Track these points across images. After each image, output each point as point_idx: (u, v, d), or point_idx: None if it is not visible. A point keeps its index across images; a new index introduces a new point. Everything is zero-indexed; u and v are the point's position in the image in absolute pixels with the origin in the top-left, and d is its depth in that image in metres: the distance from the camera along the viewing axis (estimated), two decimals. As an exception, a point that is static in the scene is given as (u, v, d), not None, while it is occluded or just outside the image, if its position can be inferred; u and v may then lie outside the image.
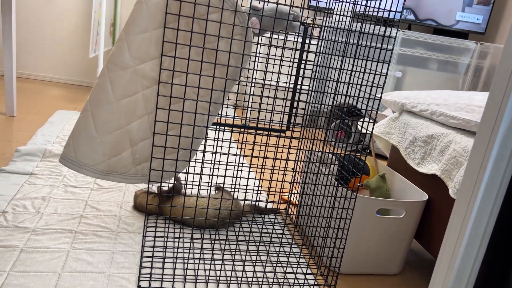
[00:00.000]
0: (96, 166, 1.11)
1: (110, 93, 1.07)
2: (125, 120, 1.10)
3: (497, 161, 0.70)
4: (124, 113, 1.09)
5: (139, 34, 1.04)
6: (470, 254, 0.75)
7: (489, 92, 0.71)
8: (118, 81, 1.07)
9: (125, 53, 1.05)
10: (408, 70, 3.02)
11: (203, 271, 1.11)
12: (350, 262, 1.23)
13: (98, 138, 1.09)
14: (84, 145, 1.10)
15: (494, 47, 3.01)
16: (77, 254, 1.10)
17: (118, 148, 1.12)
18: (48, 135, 1.95)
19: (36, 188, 1.42)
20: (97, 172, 1.12)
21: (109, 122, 1.09)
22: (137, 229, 1.27)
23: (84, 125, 1.09)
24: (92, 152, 1.10)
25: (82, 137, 1.10)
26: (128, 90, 1.08)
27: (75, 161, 1.10)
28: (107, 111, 1.08)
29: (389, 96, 1.54)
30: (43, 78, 3.30)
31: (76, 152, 1.10)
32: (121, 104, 1.08)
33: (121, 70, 1.06)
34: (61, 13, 3.19)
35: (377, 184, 1.35)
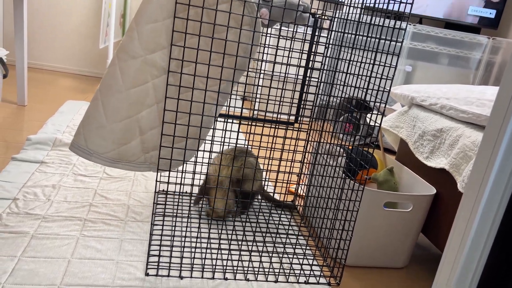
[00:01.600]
0: (106, 154, 1.13)
1: (120, 82, 1.08)
2: (134, 109, 1.11)
3: (506, 156, 0.70)
4: (133, 102, 1.10)
5: (149, 24, 1.05)
6: (476, 249, 0.75)
7: (499, 87, 0.71)
8: (128, 70, 1.08)
9: (135, 43, 1.06)
10: (418, 65, 2.99)
11: (210, 260, 1.12)
12: (356, 255, 1.24)
13: (108, 127, 1.10)
14: (94, 133, 1.11)
15: (506, 42, 2.97)
16: (86, 241, 1.11)
17: (128, 137, 1.13)
18: (58, 125, 1.97)
19: (47, 176, 1.44)
20: (107, 160, 1.13)
21: (119, 111, 1.10)
22: (145, 218, 1.29)
23: (94, 113, 1.10)
24: (102, 140, 1.11)
25: (92, 126, 1.11)
26: (138, 79, 1.09)
27: (85, 149, 1.12)
28: (117, 99, 1.09)
29: (399, 89, 1.53)
30: (54, 68, 3.32)
31: (86, 140, 1.11)
32: (131, 93, 1.09)
33: (131, 59, 1.07)
34: (72, 4, 3.20)
35: (385, 177, 1.35)
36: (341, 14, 1.29)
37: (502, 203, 0.72)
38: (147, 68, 1.08)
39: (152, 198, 1.42)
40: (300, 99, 1.43)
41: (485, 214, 0.73)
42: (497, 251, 0.75)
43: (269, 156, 1.18)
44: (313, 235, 1.38)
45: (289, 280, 1.11)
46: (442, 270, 0.80)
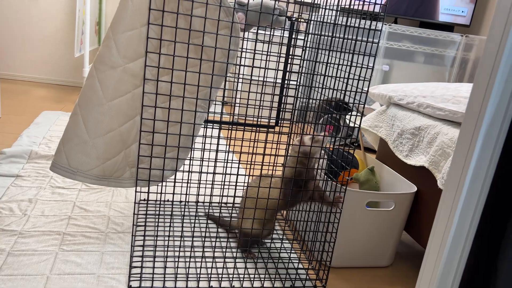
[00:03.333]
0: (90, 171, 1.08)
1: (101, 94, 1.04)
2: (117, 121, 1.07)
3: (483, 151, 0.71)
4: (115, 114, 1.06)
5: (126, 32, 1.02)
6: (458, 244, 0.75)
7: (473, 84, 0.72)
8: (108, 81, 1.04)
9: (114, 52, 1.03)
10: (395, 64, 3.04)
11: (194, 269, 1.11)
12: (341, 256, 1.24)
13: (91, 142, 1.05)
14: (77, 150, 1.06)
15: (479, 39, 3.04)
16: (65, 256, 1.08)
17: (112, 151, 1.08)
18: (34, 136, 1.92)
19: (23, 190, 1.40)
20: (92, 178, 1.08)
21: (101, 124, 1.05)
22: (126, 228, 1.26)
23: (75, 129, 1.05)
24: (85, 157, 1.06)
25: (73, 142, 1.05)
26: (118, 90, 1.05)
27: (68, 168, 1.06)
28: (98, 112, 1.04)
29: (377, 89, 1.54)
30: (28, 78, 3.25)
31: (68, 158, 1.06)
32: (112, 105, 1.05)
33: (110, 69, 1.03)
34: (45, 12, 3.14)
35: (366, 177, 1.36)
36: (317, 16, 1.30)
37: (481, 198, 0.73)
38: (128, 77, 1.05)
39: (132, 208, 1.39)
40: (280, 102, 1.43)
41: (465, 209, 0.74)
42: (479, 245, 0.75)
43: (250, 161, 1.17)
44: (297, 239, 1.37)
45: (275, 285, 1.10)
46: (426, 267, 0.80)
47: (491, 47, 0.68)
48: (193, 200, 1.52)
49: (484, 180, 0.72)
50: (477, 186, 0.72)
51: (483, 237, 0.75)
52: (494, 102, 0.68)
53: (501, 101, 0.68)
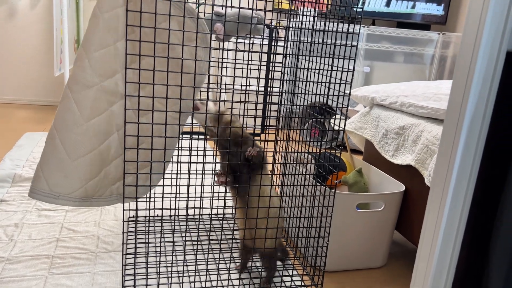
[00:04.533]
0: (73, 193, 1.05)
1: (78, 115, 1.02)
2: (96, 141, 1.05)
3: (467, 146, 0.71)
4: (94, 133, 1.04)
5: (100, 50, 1.01)
6: (450, 239, 0.76)
7: (452, 80, 0.73)
8: (84, 101, 1.02)
9: (88, 71, 1.01)
10: (375, 65, 3.07)
11: (188, 284, 1.09)
12: (335, 260, 1.24)
13: (71, 164, 1.03)
14: (57, 173, 1.03)
15: (455, 36, 3.10)
16: (55, 280, 1.06)
17: (94, 171, 1.06)
18: (17, 159, 1.88)
19: (8, 215, 1.37)
20: (75, 200, 1.06)
21: (81, 145, 1.03)
22: (117, 247, 1.24)
23: (54, 152, 1.03)
24: (66, 179, 1.04)
25: (53, 166, 1.03)
26: (96, 109, 1.04)
27: (48, 193, 1.04)
28: (76, 133, 1.02)
29: (359, 91, 1.55)
30: (7, 101, 3.20)
31: (49, 183, 1.03)
32: (91, 125, 1.03)
33: (86, 89, 1.02)
34: (22, 32, 3.10)
35: (355, 179, 1.36)
36: (295, 23, 1.31)
37: (469, 191, 0.74)
38: (104, 95, 1.04)
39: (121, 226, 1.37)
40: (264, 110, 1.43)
41: (454, 204, 0.74)
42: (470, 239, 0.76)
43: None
44: (290, 245, 1.37)
45: (271, 294, 1.09)
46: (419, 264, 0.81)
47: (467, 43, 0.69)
48: (183, 213, 1.50)
49: (470, 174, 0.72)
50: (463, 180, 0.73)
51: (473, 230, 0.76)
52: (474, 97, 0.69)
53: (481, 95, 0.69)
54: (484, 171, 0.73)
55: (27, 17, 3.09)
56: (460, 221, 0.75)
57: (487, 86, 0.69)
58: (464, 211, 0.75)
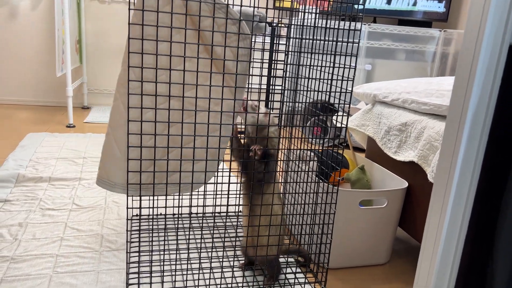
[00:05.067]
0: (126, 183, 1.15)
1: (125, 115, 1.11)
2: (142, 138, 1.12)
3: (470, 142, 0.72)
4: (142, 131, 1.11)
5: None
6: (453, 235, 0.76)
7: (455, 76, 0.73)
8: (130, 103, 1.09)
9: (132, 75, 1.08)
10: (377, 63, 3.07)
11: (192, 281, 1.10)
12: (339, 256, 1.24)
13: (123, 157, 1.14)
14: (112, 165, 1.15)
15: (457, 33, 3.10)
16: (60, 278, 1.06)
17: (144, 164, 1.15)
18: (20, 160, 1.89)
19: (12, 214, 1.38)
20: (130, 189, 1.16)
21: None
22: (120, 246, 1.24)
23: (109, 147, 1.14)
24: (120, 171, 1.14)
25: (109, 159, 1.14)
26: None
27: (108, 182, 1.16)
28: (125, 132, 1.12)
29: (361, 88, 1.55)
30: (11, 102, 3.21)
31: (107, 173, 1.15)
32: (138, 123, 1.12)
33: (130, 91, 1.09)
34: (24, 33, 3.11)
35: (357, 176, 1.36)
36: (297, 20, 1.31)
37: (472, 187, 0.74)
38: (149, 97, 1.09)
39: (125, 225, 1.37)
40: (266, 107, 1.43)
41: (457, 200, 0.74)
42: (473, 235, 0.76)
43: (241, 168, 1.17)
44: (293, 243, 1.37)
45: (275, 291, 1.09)
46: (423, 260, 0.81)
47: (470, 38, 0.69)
48: (186, 212, 1.51)
49: (474, 169, 0.72)
50: (467, 176, 0.73)
51: (477, 226, 0.76)
52: (477, 93, 0.69)
53: (483, 91, 0.69)
54: (487, 166, 0.73)
55: (28, 18, 3.10)
56: (464, 216, 0.75)
57: (490, 81, 0.69)
58: (467, 207, 0.75)
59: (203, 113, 1.15)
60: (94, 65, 3.33)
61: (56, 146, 2.16)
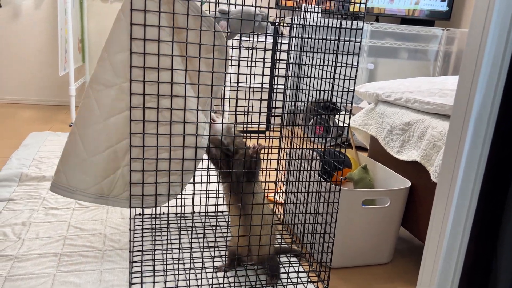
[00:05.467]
0: (89, 189, 1.08)
1: (97, 113, 1.05)
2: (114, 139, 1.07)
3: (474, 140, 0.71)
4: (112, 131, 1.07)
5: (121, 52, 1.03)
6: (457, 234, 0.76)
7: (459, 75, 0.73)
8: (104, 100, 1.05)
9: (108, 72, 1.04)
10: (379, 62, 3.06)
11: (195, 280, 1.10)
12: (341, 256, 1.24)
13: (89, 160, 1.06)
14: (75, 168, 1.07)
15: (460, 32, 3.09)
16: (63, 277, 1.07)
17: (109, 169, 1.08)
18: (24, 159, 1.90)
19: (15, 214, 1.38)
20: (90, 196, 1.08)
21: (98, 142, 1.06)
22: (124, 245, 1.25)
23: (73, 148, 1.06)
24: (83, 175, 1.07)
25: (72, 161, 1.07)
26: (114, 108, 1.06)
27: (67, 187, 1.07)
28: (95, 131, 1.06)
29: (363, 88, 1.55)
30: (13, 101, 3.22)
31: (67, 178, 1.07)
32: (109, 123, 1.06)
33: (106, 88, 1.05)
34: (26, 33, 3.12)
35: (360, 175, 1.36)
36: (299, 19, 1.30)
37: (476, 187, 0.73)
38: (124, 96, 1.06)
39: (128, 224, 1.38)
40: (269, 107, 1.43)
41: (461, 200, 0.74)
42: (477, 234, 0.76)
43: (243, 167, 1.17)
44: (296, 242, 1.37)
45: (277, 290, 1.09)
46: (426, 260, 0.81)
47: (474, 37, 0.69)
48: (189, 211, 1.51)
49: (478, 168, 0.72)
50: (470, 175, 0.73)
51: (481, 225, 0.76)
52: (481, 92, 0.69)
53: (487, 89, 0.69)
54: (491, 165, 0.72)
55: (31, 17, 3.10)
56: (468, 215, 0.75)
57: (494, 79, 0.69)
58: (471, 206, 0.74)
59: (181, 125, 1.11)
60: (97, 65, 3.33)
61: (59, 145, 2.16)
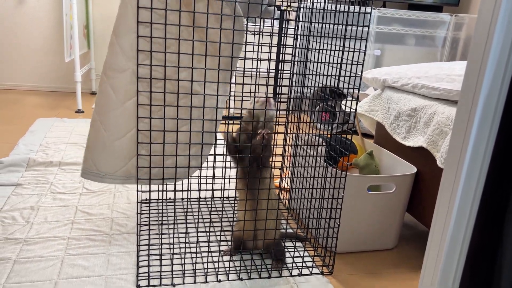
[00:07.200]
0: (116, 172, 1.12)
1: (114, 98, 1.08)
2: (133, 121, 1.10)
3: (481, 127, 0.71)
4: (131, 114, 1.09)
5: (129, 34, 1.03)
6: (462, 220, 0.76)
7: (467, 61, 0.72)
8: (119, 85, 1.07)
9: (120, 57, 1.05)
10: (386, 48, 3.03)
11: (201, 264, 1.11)
12: (346, 241, 1.24)
13: (112, 144, 1.10)
14: (101, 154, 1.10)
15: (468, 18, 3.04)
16: (72, 260, 1.08)
17: (133, 151, 1.12)
18: (31, 144, 1.91)
19: (24, 198, 1.40)
20: (119, 178, 1.13)
21: (119, 126, 1.09)
22: (130, 229, 1.26)
23: (96, 135, 1.10)
24: (110, 159, 1.11)
25: (97, 148, 1.10)
26: (130, 92, 1.08)
27: (96, 173, 1.12)
28: (114, 116, 1.09)
29: (370, 73, 1.54)
30: (19, 87, 3.23)
31: (96, 164, 1.11)
32: (127, 107, 1.09)
33: (119, 73, 1.06)
34: (31, 19, 3.11)
35: (366, 161, 1.36)
36: (306, 4, 1.29)
37: (482, 173, 0.73)
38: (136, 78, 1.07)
39: (135, 209, 1.39)
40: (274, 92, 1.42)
41: (467, 186, 0.74)
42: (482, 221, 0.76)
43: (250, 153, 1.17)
44: (301, 227, 1.38)
45: (283, 274, 1.10)
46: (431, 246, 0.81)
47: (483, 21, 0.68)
48: (195, 196, 1.52)
49: (484, 155, 0.72)
50: (477, 161, 0.72)
51: (487, 211, 0.76)
52: (489, 77, 0.68)
53: (495, 76, 0.68)
54: (498, 152, 0.72)
55: (36, 3, 3.09)
56: (473, 202, 0.75)
57: (503, 65, 0.68)
58: (477, 192, 0.74)
59: (198, 97, 1.13)
60: (102, 51, 3.33)
61: (66, 131, 2.18)
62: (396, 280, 1.15)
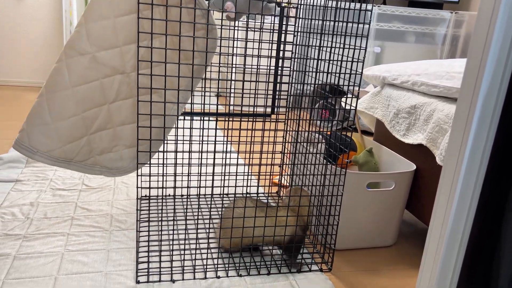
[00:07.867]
0: (50, 152, 1.09)
1: (67, 79, 1.05)
2: (81, 107, 1.07)
3: (480, 125, 0.71)
4: (80, 99, 1.07)
5: (99, 21, 1.02)
6: (461, 218, 0.76)
7: (467, 58, 0.72)
8: (75, 67, 1.05)
9: (84, 39, 1.03)
10: (386, 45, 3.03)
11: (201, 261, 1.11)
12: (345, 238, 1.25)
13: (53, 124, 1.07)
14: (38, 130, 1.07)
15: (469, 15, 3.04)
16: (71, 256, 1.09)
17: (74, 135, 1.09)
18: (30, 140, 1.91)
19: (23, 194, 1.40)
20: (51, 159, 1.10)
21: (64, 108, 1.06)
22: (130, 225, 1.26)
23: (39, 110, 1.06)
24: (45, 138, 1.08)
25: (36, 123, 1.07)
26: (85, 77, 1.06)
27: (28, 147, 1.08)
28: (62, 97, 1.06)
29: (370, 70, 1.54)
30: (19, 83, 3.22)
31: (29, 138, 1.08)
32: (77, 90, 1.06)
33: (79, 55, 1.04)
34: (31, 15, 3.11)
35: (365, 159, 1.36)
36: (306, 1, 1.29)
37: (481, 171, 0.73)
38: (96, 66, 1.05)
39: (135, 205, 1.39)
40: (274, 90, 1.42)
41: (466, 183, 0.74)
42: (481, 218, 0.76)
43: (249, 150, 1.17)
44: (300, 224, 1.38)
45: (282, 271, 1.11)
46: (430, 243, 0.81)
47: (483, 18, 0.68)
48: (195, 193, 1.52)
49: (483, 153, 0.72)
50: (476, 159, 0.73)
51: (485, 209, 0.76)
52: (489, 75, 0.68)
53: (495, 73, 0.69)
54: (498, 149, 0.72)
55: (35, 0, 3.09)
56: (472, 199, 0.75)
57: (502, 62, 0.68)
58: (476, 190, 0.75)
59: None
60: (102, 47, 3.32)
61: (65, 127, 2.18)
62: (395, 277, 1.16)
